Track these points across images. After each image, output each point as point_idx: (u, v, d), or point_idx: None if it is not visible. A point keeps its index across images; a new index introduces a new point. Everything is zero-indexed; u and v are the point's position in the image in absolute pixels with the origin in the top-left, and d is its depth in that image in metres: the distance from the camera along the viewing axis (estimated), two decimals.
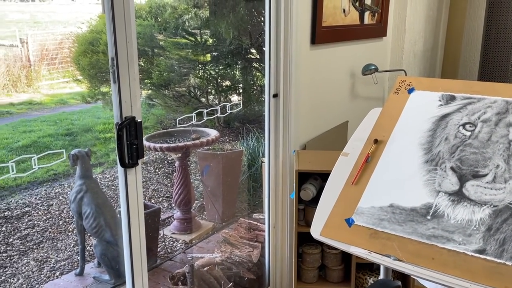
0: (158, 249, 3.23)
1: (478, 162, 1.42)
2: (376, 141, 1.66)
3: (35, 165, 3.68)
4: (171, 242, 3.41)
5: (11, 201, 3.99)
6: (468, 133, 1.51)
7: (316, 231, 1.50)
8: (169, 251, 3.29)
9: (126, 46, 1.55)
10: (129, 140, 1.61)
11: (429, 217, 1.37)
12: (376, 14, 3.08)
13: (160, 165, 4.93)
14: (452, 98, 1.64)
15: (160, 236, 3.29)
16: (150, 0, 5.93)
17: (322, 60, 2.67)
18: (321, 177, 2.34)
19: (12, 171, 3.50)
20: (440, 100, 1.66)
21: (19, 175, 4.12)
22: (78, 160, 2.81)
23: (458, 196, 1.38)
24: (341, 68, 2.88)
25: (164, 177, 4.70)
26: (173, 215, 3.66)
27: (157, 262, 3.09)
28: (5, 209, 3.86)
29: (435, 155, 1.51)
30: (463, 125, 1.54)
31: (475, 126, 1.51)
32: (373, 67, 2.88)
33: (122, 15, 1.51)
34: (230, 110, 5.08)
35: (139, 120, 1.63)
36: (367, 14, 2.97)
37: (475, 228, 1.30)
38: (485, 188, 1.36)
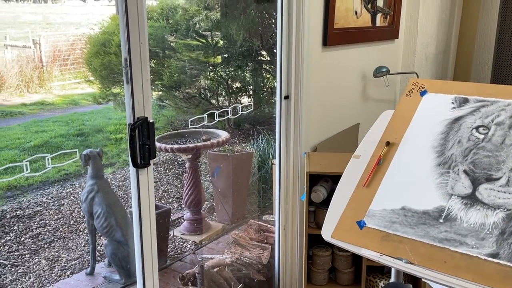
0: (168, 249, 3.24)
1: (492, 166, 1.41)
2: (388, 143, 1.65)
3: (48, 164, 3.72)
4: (181, 243, 3.42)
5: (23, 200, 4.03)
6: (482, 136, 1.50)
7: (327, 233, 1.50)
8: (179, 251, 3.30)
9: (139, 47, 1.56)
10: (142, 141, 1.62)
11: (441, 220, 1.36)
12: (388, 16, 3.07)
13: (170, 166, 4.95)
14: (465, 101, 1.63)
15: (170, 237, 3.30)
16: (162, 2, 5.96)
17: (334, 62, 2.67)
18: (332, 179, 2.34)
19: (26, 170, 3.54)
20: (453, 103, 1.65)
21: (32, 174, 4.16)
22: (89, 160, 2.83)
23: (471, 199, 1.37)
24: (352, 70, 2.87)
25: (174, 178, 4.71)
26: (183, 216, 3.67)
27: (167, 263, 3.10)
28: (17, 208, 3.89)
29: (448, 158, 1.50)
30: (477, 128, 1.53)
31: (488, 129, 1.50)
32: (384, 70, 2.87)
33: (135, 16, 1.52)
34: (241, 111, 5.09)
35: (151, 121, 1.64)
36: (379, 16, 2.96)
37: (488, 232, 1.29)
38: (498, 191, 1.35)
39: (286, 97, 2.46)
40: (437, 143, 1.56)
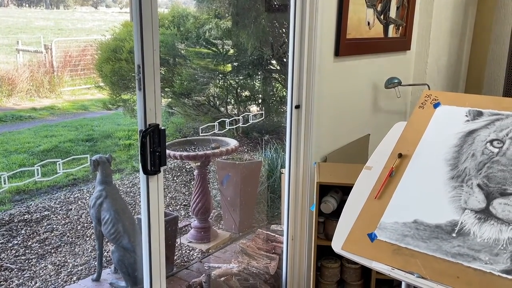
0: (175, 257, 3.23)
1: (506, 180, 1.39)
2: (400, 155, 1.64)
3: (60, 169, 3.73)
4: (188, 251, 3.40)
5: (31, 204, 4.03)
6: (496, 150, 1.48)
7: (337, 245, 1.49)
8: (185, 259, 3.28)
9: (152, 54, 1.56)
10: (152, 148, 1.61)
11: (454, 235, 1.34)
12: (400, 27, 3.06)
13: (178, 173, 4.95)
14: (479, 114, 1.62)
15: (177, 245, 3.29)
16: (173, 10, 5.99)
17: (345, 72, 2.66)
18: (342, 190, 2.32)
19: (37, 175, 3.55)
20: (466, 116, 1.63)
21: (44, 179, 4.16)
22: (99, 165, 2.83)
23: (485, 214, 1.35)
24: (364, 81, 2.86)
25: (182, 185, 4.71)
26: (190, 224, 3.65)
27: (174, 271, 3.08)
28: (25, 212, 3.90)
29: (461, 172, 1.48)
30: (491, 141, 1.51)
31: (503, 143, 1.48)
32: (396, 81, 2.85)
33: (150, 24, 1.53)
34: (252, 120, 5.08)
35: (162, 128, 1.64)
36: (391, 27, 2.96)
37: (502, 248, 1.27)
38: None
39: (297, 107, 2.45)
40: (450, 156, 1.55)
